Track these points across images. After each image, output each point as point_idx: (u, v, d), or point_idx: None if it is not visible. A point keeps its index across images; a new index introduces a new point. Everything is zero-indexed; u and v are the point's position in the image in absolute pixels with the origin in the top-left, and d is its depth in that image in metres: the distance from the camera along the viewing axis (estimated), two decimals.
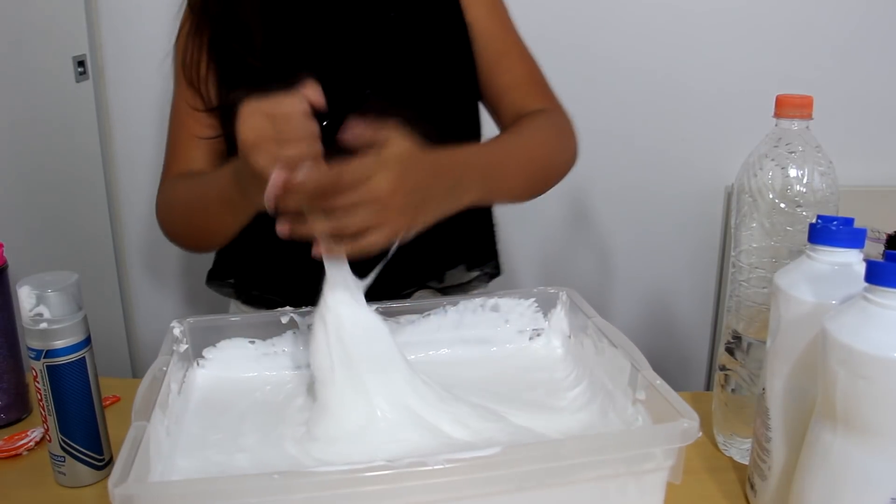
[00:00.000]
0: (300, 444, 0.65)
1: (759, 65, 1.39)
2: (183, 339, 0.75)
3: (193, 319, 0.76)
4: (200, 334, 0.77)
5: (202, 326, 0.77)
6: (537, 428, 0.66)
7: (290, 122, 0.62)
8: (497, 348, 0.82)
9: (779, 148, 0.66)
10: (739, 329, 0.70)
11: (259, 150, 0.62)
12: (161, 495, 0.51)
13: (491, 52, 0.92)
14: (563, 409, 0.71)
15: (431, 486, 0.52)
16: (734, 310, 0.71)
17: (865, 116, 1.43)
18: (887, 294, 0.50)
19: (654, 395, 0.60)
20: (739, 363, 0.71)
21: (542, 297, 0.82)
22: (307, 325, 0.77)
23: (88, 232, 1.44)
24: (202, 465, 0.63)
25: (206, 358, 0.78)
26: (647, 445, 0.56)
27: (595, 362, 0.72)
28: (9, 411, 0.80)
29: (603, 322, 0.73)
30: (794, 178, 0.65)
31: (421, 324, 0.81)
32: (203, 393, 0.75)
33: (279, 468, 0.59)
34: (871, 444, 0.51)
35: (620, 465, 0.56)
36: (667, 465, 0.56)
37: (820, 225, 0.58)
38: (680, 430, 0.55)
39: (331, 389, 0.68)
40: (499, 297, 0.82)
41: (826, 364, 0.51)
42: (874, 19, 1.39)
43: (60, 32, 1.33)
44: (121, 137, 1.47)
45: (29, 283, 0.66)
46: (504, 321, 0.82)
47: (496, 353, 0.82)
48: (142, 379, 0.65)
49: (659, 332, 1.58)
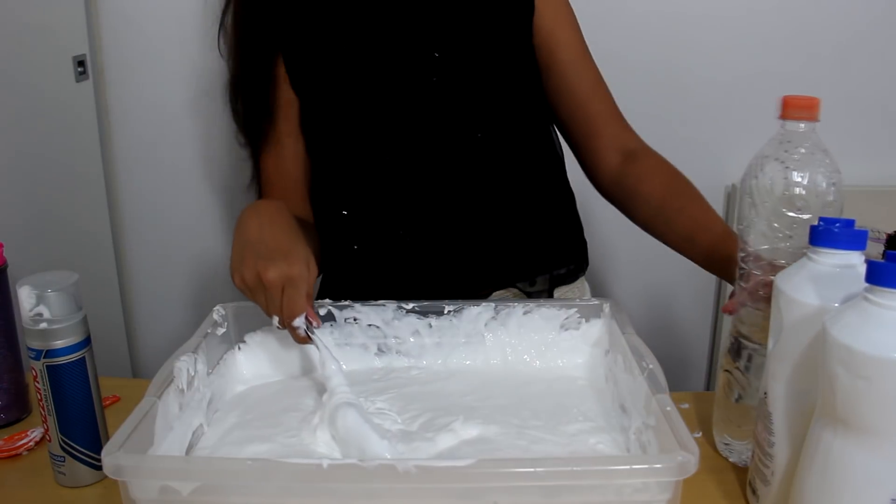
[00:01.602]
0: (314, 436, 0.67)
1: (760, 65, 1.39)
2: (222, 323, 0.78)
3: (236, 304, 0.79)
4: (243, 320, 0.80)
5: (245, 312, 0.79)
6: (546, 444, 0.66)
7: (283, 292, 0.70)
8: (531, 358, 0.82)
9: (785, 150, 0.65)
10: (744, 332, 0.70)
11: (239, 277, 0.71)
12: (140, 468, 0.54)
13: (585, 81, 0.96)
14: (580, 423, 0.70)
15: (400, 490, 0.52)
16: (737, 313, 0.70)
17: (866, 116, 1.43)
18: (887, 294, 0.50)
19: (663, 421, 0.58)
20: (740, 370, 0.70)
21: (585, 308, 0.81)
22: (344, 319, 0.81)
23: (88, 232, 1.43)
24: (215, 444, 0.67)
25: (247, 343, 0.80)
26: (633, 476, 0.53)
27: (623, 380, 0.71)
28: (9, 411, 0.80)
29: (635, 339, 0.72)
30: (797, 181, 0.64)
31: (460, 327, 0.81)
32: (239, 377, 0.79)
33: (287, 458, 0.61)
34: (871, 444, 0.51)
35: (610, 493, 0.53)
36: (662, 499, 0.54)
37: (821, 227, 0.58)
38: (675, 463, 0.52)
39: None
40: (540, 306, 0.81)
41: (826, 364, 0.51)
42: (875, 19, 1.39)
43: (60, 32, 1.33)
44: (121, 137, 1.47)
45: (29, 283, 0.66)
46: (543, 329, 0.81)
47: (529, 362, 0.81)
48: (142, 379, 0.65)
49: (659, 333, 1.58)
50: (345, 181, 0.94)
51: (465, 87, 0.89)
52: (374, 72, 0.88)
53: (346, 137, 0.92)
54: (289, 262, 0.69)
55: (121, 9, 1.40)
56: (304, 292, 0.69)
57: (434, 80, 0.87)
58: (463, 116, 0.89)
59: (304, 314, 0.70)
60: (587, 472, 0.53)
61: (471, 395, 0.75)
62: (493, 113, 0.91)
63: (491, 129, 0.91)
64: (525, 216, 0.94)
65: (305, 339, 0.71)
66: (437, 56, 0.87)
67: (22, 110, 1.21)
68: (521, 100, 0.94)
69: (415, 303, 0.81)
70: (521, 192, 0.94)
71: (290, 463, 0.52)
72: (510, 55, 0.92)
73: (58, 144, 1.32)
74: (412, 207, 0.91)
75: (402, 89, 0.88)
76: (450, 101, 0.89)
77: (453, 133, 0.89)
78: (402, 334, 0.81)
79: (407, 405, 0.73)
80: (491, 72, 0.90)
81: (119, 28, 1.41)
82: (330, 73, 0.90)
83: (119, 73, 1.44)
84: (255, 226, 0.73)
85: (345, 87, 0.89)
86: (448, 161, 0.90)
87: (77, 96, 1.37)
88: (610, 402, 0.73)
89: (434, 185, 0.91)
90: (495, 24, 0.92)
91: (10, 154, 1.18)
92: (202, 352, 0.72)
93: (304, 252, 0.71)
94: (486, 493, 0.53)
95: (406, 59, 0.88)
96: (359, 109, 0.90)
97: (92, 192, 1.44)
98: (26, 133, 1.22)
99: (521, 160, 0.94)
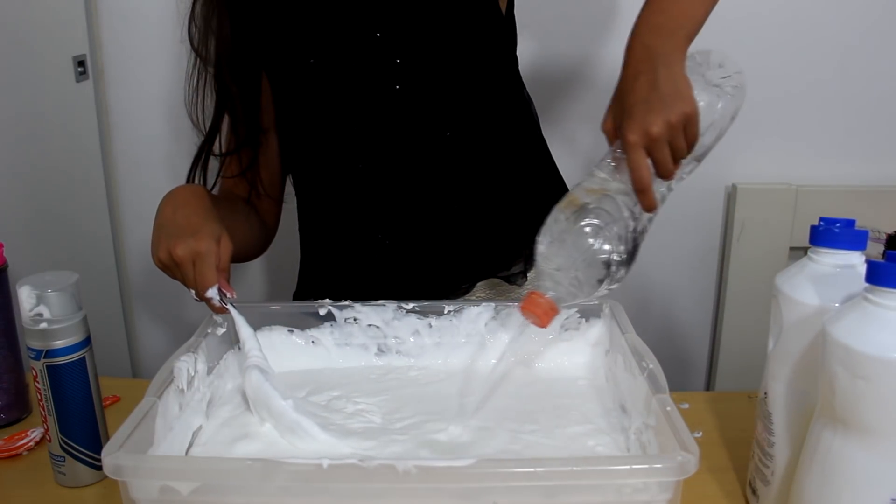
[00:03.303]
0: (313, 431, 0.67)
1: (759, 65, 1.39)
2: (222, 323, 0.78)
3: (237, 305, 0.78)
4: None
5: (245, 312, 0.78)
6: (545, 444, 0.66)
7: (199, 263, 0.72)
8: (532, 357, 0.81)
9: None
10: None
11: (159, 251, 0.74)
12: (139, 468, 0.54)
13: None
14: (579, 425, 0.70)
15: (400, 490, 0.52)
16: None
17: (865, 116, 1.43)
18: (887, 294, 0.50)
19: (663, 421, 0.58)
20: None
21: (585, 308, 0.81)
22: (344, 319, 0.81)
23: (88, 232, 1.43)
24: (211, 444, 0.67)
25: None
26: (633, 476, 0.53)
27: (623, 380, 0.71)
28: (9, 411, 0.80)
29: (635, 339, 0.72)
30: None
31: (460, 327, 0.81)
32: (238, 377, 0.78)
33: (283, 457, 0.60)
34: (871, 444, 0.51)
35: (610, 493, 0.53)
36: (662, 499, 0.53)
37: (821, 227, 0.58)
38: (675, 463, 0.51)
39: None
40: None
41: (826, 364, 0.51)
42: (875, 19, 1.39)
43: (60, 32, 1.33)
44: (121, 137, 1.47)
45: (29, 283, 0.66)
46: (544, 330, 0.80)
47: (529, 362, 0.81)
48: (142, 379, 0.65)
49: (659, 332, 1.58)
50: (320, 188, 0.95)
51: (428, 91, 0.89)
52: (338, 80, 0.88)
53: (318, 145, 0.92)
54: (196, 239, 0.72)
55: (121, 9, 1.40)
56: (212, 265, 0.73)
57: (397, 87, 0.87)
58: (429, 119, 0.90)
59: (216, 286, 0.73)
60: (587, 472, 0.53)
61: (470, 395, 0.75)
62: (460, 112, 0.91)
63: (460, 127, 0.90)
64: (501, 208, 0.95)
65: (222, 309, 0.74)
66: (399, 62, 0.87)
67: (22, 110, 1.21)
68: (489, 95, 0.93)
69: (415, 303, 0.81)
70: (496, 184, 0.94)
71: (290, 463, 0.52)
72: (474, 53, 0.91)
73: (58, 144, 1.32)
74: (389, 211, 0.92)
75: (367, 97, 0.88)
76: (415, 105, 0.89)
77: (422, 135, 0.90)
78: (402, 334, 0.81)
79: (401, 406, 0.73)
80: (455, 73, 0.90)
81: (119, 28, 1.41)
82: (296, 80, 0.90)
83: (119, 73, 1.44)
84: (170, 209, 0.77)
85: (311, 94, 0.90)
86: (419, 162, 0.90)
87: (77, 96, 1.37)
88: (610, 403, 0.73)
89: (408, 186, 0.91)
90: (457, 23, 0.90)
91: (10, 154, 1.18)
92: (202, 352, 0.72)
93: (213, 229, 0.74)
94: (486, 493, 0.53)
95: (368, 66, 0.88)
96: (327, 118, 0.90)
97: (92, 192, 1.44)
98: (26, 133, 1.22)
99: (494, 153, 0.93)
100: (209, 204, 0.80)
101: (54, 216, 1.30)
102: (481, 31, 0.91)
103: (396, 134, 0.89)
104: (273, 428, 0.68)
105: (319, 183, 0.96)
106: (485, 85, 0.92)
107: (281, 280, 1.47)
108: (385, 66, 0.87)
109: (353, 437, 0.67)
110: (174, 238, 0.73)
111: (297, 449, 0.66)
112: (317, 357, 0.81)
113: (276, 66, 0.91)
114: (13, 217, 1.17)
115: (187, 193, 0.80)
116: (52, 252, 1.29)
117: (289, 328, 0.81)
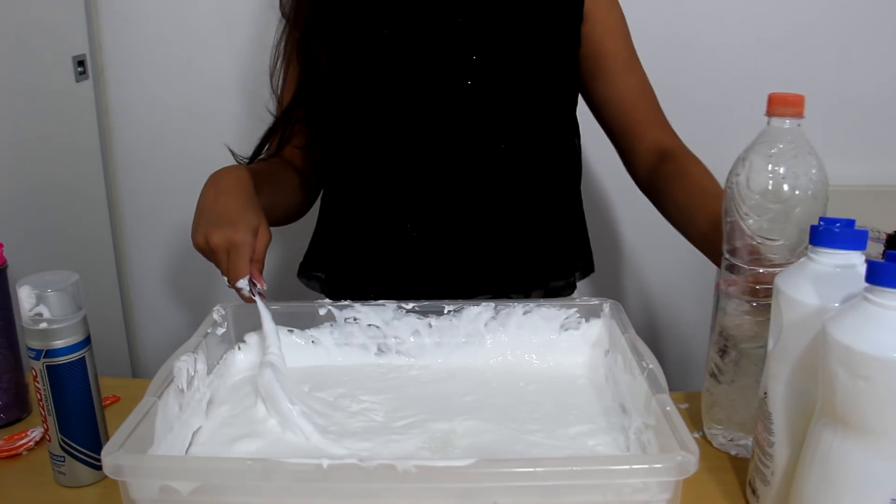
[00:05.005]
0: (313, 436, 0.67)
1: (758, 65, 1.39)
2: (222, 323, 0.78)
3: (236, 304, 0.80)
4: (243, 319, 0.80)
5: (244, 311, 0.79)
6: (544, 444, 0.66)
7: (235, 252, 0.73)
8: (532, 357, 0.81)
9: (770, 147, 0.65)
10: (726, 324, 0.70)
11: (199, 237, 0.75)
12: (139, 468, 0.54)
13: (630, 90, 0.96)
14: (579, 424, 0.70)
15: (400, 490, 0.52)
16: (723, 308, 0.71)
17: (865, 116, 1.43)
18: (887, 294, 0.49)
19: (663, 421, 0.58)
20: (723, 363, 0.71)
21: (585, 308, 0.81)
22: (343, 319, 0.81)
23: (88, 232, 1.44)
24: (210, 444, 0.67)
25: (246, 342, 0.81)
26: (633, 476, 0.53)
27: (623, 379, 0.71)
28: (9, 411, 0.80)
29: (635, 338, 0.72)
30: (781, 174, 0.64)
31: (460, 327, 0.81)
32: (240, 375, 0.78)
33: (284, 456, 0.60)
34: (871, 444, 0.51)
35: (610, 493, 0.53)
36: (662, 499, 0.53)
37: (821, 227, 0.58)
38: (675, 463, 0.51)
39: None
40: (540, 306, 0.81)
41: (826, 364, 0.51)
42: (874, 18, 1.39)
43: (60, 32, 1.33)
44: (121, 137, 1.47)
45: (29, 282, 0.66)
46: (544, 329, 0.81)
47: (529, 362, 0.81)
48: (142, 379, 0.65)
49: (659, 332, 1.58)
50: (359, 166, 0.95)
51: (497, 94, 0.89)
52: (409, 66, 0.89)
53: (370, 123, 0.92)
54: (234, 229, 0.73)
55: (121, 9, 1.40)
56: (246, 256, 0.74)
57: (468, 83, 0.88)
58: (490, 125, 0.90)
59: (247, 277, 0.74)
60: (587, 472, 0.53)
61: (470, 394, 0.75)
62: (520, 125, 0.91)
63: (515, 142, 0.91)
64: (532, 230, 0.95)
65: (250, 299, 0.75)
66: (475, 59, 0.88)
67: (22, 110, 1.22)
68: (552, 113, 0.94)
69: (415, 303, 0.81)
70: (532, 206, 0.95)
71: (290, 463, 0.53)
72: (550, 66, 0.92)
73: (58, 144, 1.32)
74: (422, 203, 0.92)
75: (435, 87, 0.89)
76: (479, 107, 0.89)
77: (477, 140, 0.90)
78: (402, 334, 0.81)
79: (403, 405, 0.73)
80: (527, 82, 0.90)
81: (119, 28, 1.41)
82: (364, 50, 0.90)
83: (119, 73, 1.44)
84: (212, 194, 0.78)
85: (378, 75, 0.90)
86: (465, 166, 0.91)
87: (77, 96, 1.37)
88: (610, 402, 0.73)
89: (447, 186, 0.91)
90: (540, 32, 0.91)
91: (9, 154, 1.18)
92: (202, 352, 0.72)
93: (251, 219, 0.75)
94: (486, 493, 0.53)
95: (443, 58, 0.88)
96: (387, 99, 0.90)
97: (92, 192, 1.44)
98: (26, 133, 1.22)
99: (538, 175, 0.95)
100: (251, 190, 0.80)
101: (54, 216, 1.30)
102: (558, 47, 0.92)
103: (452, 131, 0.90)
104: (276, 424, 0.69)
105: (358, 159, 0.95)
106: (548, 104, 0.93)
107: (281, 280, 1.47)
108: (460, 59, 0.88)
109: (353, 438, 0.67)
110: (213, 226, 0.74)
111: (298, 448, 0.66)
112: (317, 357, 0.82)
113: (349, 34, 0.90)
114: (13, 217, 1.17)
115: (231, 179, 0.80)
116: (52, 252, 1.29)
117: (289, 328, 0.81)
